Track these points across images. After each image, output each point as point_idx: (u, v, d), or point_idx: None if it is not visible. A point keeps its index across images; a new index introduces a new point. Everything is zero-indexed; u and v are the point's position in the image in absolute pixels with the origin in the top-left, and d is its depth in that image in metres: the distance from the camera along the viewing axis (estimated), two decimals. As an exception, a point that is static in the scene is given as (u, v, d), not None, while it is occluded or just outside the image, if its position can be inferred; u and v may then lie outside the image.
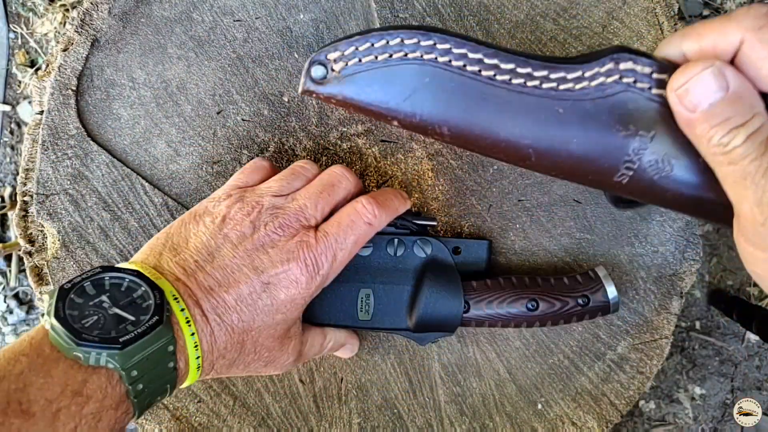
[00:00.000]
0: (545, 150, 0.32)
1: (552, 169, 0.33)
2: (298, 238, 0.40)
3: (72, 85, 0.51)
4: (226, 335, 0.37)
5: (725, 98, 0.29)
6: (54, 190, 0.52)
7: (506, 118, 0.32)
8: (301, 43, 0.52)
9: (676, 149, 0.30)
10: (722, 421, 0.83)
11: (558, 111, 0.31)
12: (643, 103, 0.30)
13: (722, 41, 0.29)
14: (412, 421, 0.52)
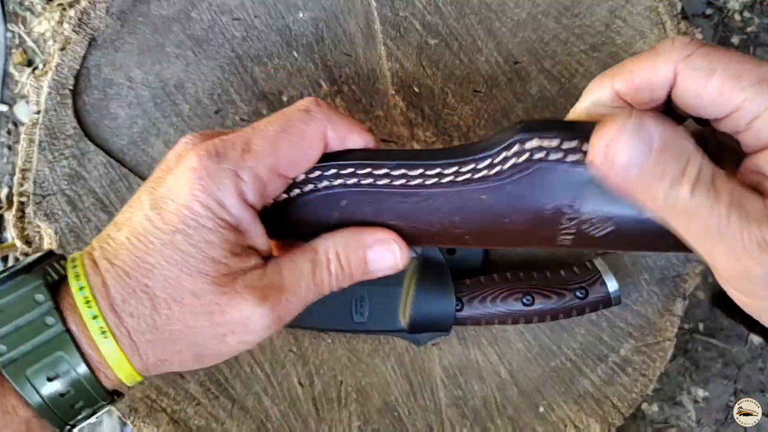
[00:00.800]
0: (481, 233, 0.32)
1: (494, 245, 0.34)
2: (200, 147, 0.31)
3: (69, 84, 0.51)
4: (119, 281, 0.30)
5: (654, 152, 0.26)
6: (51, 191, 0.51)
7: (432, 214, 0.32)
8: (301, 41, 0.52)
9: (608, 208, 0.30)
10: (725, 423, 0.82)
11: (482, 198, 0.31)
12: (562, 173, 0.29)
13: (655, 77, 0.28)
14: (413, 424, 0.52)
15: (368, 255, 0.34)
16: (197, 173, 0.30)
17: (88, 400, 0.30)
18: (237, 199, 0.30)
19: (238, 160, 0.30)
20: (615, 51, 0.51)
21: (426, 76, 0.52)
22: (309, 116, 0.32)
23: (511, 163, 0.30)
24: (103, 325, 0.29)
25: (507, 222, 0.31)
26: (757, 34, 0.84)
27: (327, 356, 0.52)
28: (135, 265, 0.30)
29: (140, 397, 0.51)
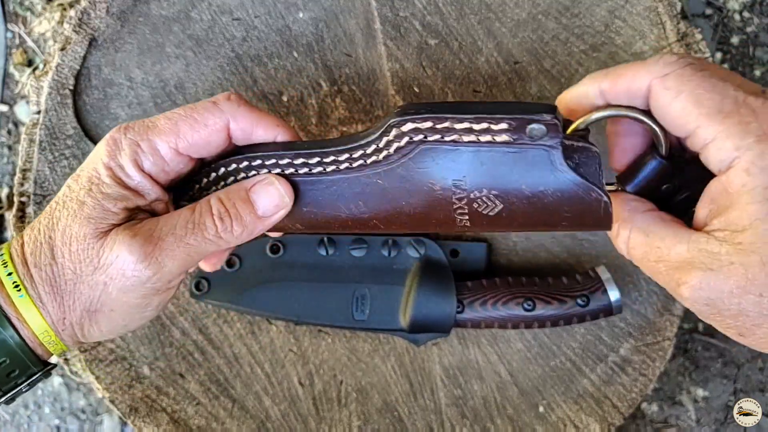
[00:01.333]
0: (386, 218, 0.34)
1: (400, 229, 0.35)
2: None
3: (69, 84, 0.51)
4: (30, 237, 0.34)
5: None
6: (51, 191, 0.52)
7: (338, 200, 0.34)
8: (301, 41, 0.52)
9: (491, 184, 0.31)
10: (725, 423, 0.82)
11: (378, 182, 0.33)
12: (442, 153, 0.31)
13: (634, 85, 0.31)
14: (413, 424, 0.52)
15: (251, 196, 0.35)
16: (106, 141, 0.35)
17: (23, 368, 0.33)
18: (134, 165, 0.34)
19: (140, 133, 0.34)
20: (615, 51, 0.52)
21: (426, 76, 0.52)
22: (214, 107, 0.35)
23: (394, 146, 0.32)
24: (16, 279, 0.33)
25: (405, 205, 0.33)
26: (756, 35, 0.84)
27: (327, 356, 0.52)
28: (46, 223, 0.34)
29: (140, 397, 0.51)
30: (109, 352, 0.52)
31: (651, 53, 0.51)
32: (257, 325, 0.52)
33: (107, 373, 0.51)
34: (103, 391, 0.51)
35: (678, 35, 0.51)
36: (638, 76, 0.31)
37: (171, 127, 0.34)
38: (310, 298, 0.49)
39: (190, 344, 0.52)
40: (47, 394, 0.78)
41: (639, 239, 0.33)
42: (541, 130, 0.30)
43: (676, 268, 0.30)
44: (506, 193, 0.31)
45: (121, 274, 0.33)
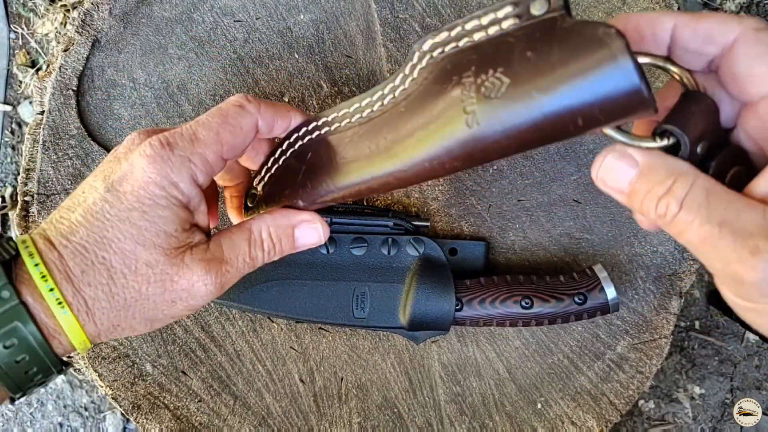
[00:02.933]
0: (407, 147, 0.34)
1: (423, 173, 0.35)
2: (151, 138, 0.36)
3: (73, 85, 0.52)
4: (77, 255, 0.33)
5: (639, 173, 0.29)
6: (55, 190, 0.52)
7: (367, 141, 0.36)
8: (302, 43, 0.52)
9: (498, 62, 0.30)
10: (722, 420, 0.83)
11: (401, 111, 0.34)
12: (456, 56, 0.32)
13: (717, 30, 0.29)
14: (412, 420, 0.53)
15: (296, 233, 0.40)
16: (152, 159, 0.34)
17: (41, 366, 0.33)
18: (190, 181, 0.35)
19: (188, 147, 0.35)
20: (612, 52, 0.52)
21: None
22: (244, 111, 0.37)
23: (417, 69, 0.34)
24: (59, 296, 0.33)
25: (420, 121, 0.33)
26: (753, 35, 0.85)
27: (327, 353, 0.53)
28: (93, 241, 0.34)
29: (143, 394, 0.52)
30: (112, 350, 0.52)
31: (647, 54, 0.52)
32: (259, 323, 0.53)
33: (110, 370, 0.52)
34: (105, 388, 0.52)
35: (674, 37, 0.52)
36: (727, 24, 0.29)
37: (215, 137, 0.36)
38: (311, 297, 0.50)
39: (193, 342, 0.52)
40: (50, 391, 0.79)
41: (699, 199, 0.28)
42: (543, 1, 0.29)
43: (751, 235, 0.27)
44: (511, 64, 0.29)
45: (191, 296, 0.36)
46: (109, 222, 0.34)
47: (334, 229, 0.50)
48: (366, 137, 0.36)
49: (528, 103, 0.29)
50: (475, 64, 0.31)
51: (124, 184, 0.34)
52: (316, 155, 0.38)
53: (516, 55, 0.29)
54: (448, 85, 0.32)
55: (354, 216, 0.50)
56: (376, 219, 0.50)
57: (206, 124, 0.36)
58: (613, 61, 0.26)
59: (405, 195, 0.53)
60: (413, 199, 0.53)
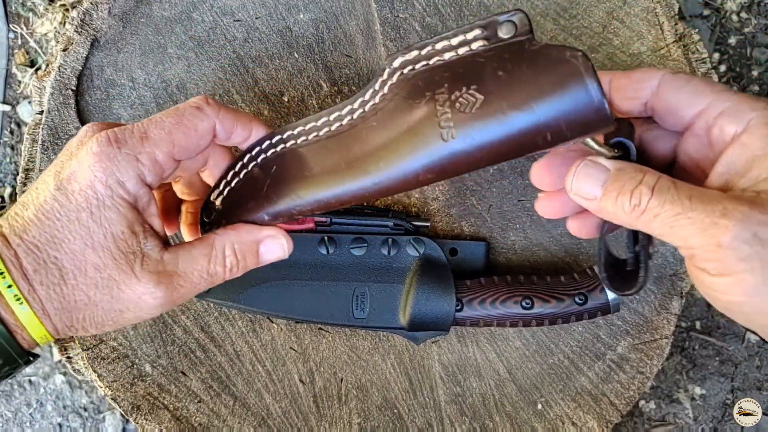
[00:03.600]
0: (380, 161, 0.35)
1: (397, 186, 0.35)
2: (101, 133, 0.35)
3: (72, 85, 0.51)
4: (30, 254, 0.33)
5: (612, 174, 0.33)
6: (54, 190, 0.52)
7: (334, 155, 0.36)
8: (301, 43, 0.52)
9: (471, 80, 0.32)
10: (722, 421, 0.83)
11: (373, 125, 0.35)
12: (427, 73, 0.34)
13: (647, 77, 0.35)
14: (412, 421, 0.53)
15: (260, 249, 0.39)
16: (98, 156, 0.34)
17: (8, 358, 0.34)
18: (136, 180, 0.34)
19: (136, 145, 0.34)
20: (612, 52, 0.52)
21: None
22: (201, 113, 0.37)
23: (388, 85, 0.35)
24: (17, 292, 0.33)
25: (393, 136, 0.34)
26: (754, 35, 0.85)
27: (327, 354, 0.53)
28: (44, 240, 0.34)
29: (143, 395, 0.52)
30: (112, 350, 0.52)
31: (649, 54, 0.52)
32: (258, 323, 0.52)
33: (109, 371, 0.52)
34: (105, 389, 0.52)
35: (676, 36, 0.51)
36: (652, 72, 0.34)
37: (166, 137, 0.35)
38: (311, 297, 0.50)
39: (192, 342, 0.52)
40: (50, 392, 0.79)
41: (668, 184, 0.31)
42: (510, 26, 0.32)
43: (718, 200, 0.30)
44: (483, 82, 0.32)
45: (138, 307, 0.35)
46: (59, 221, 0.34)
47: (333, 229, 0.50)
48: (335, 151, 0.36)
49: (501, 119, 0.31)
50: (447, 81, 0.33)
51: (72, 182, 0.34)
52: (281, 169, 0.38)
53: (488, 73, 0.31)
54: (422, 101, 0.33)
55: (354, 216, 0.50)
56: (376, 219, 0.50)
57: (159, 122, 0.35)
58: (581, 80, 0.29)
59: (405, 195, 0.53)
60: (413, 199, 0.53)
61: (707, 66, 0.52)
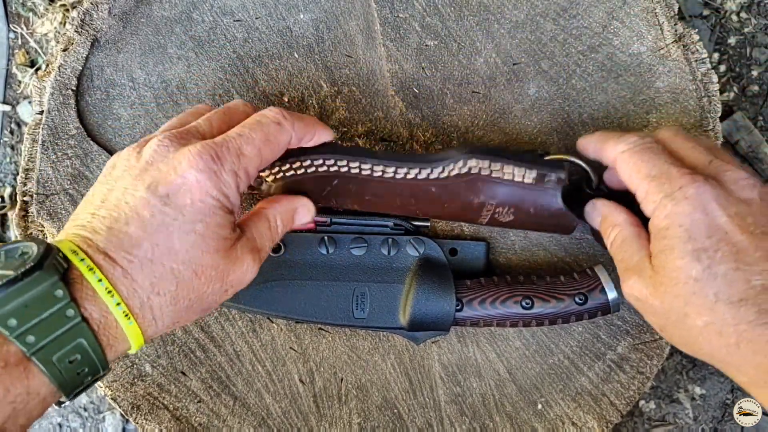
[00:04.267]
0: (426, 210, 0.47)
1: (434, 216, 0.49)
2: (191, 144, 0.38)
3: (72, 85, 0.52)
4: (144, 268, 0.35)
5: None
6: (54, 190, 0.52)
7: (397, 196, 0.47)
8: (301, 43, 0.52)
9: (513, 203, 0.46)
10: (722, 421, 0.83)
11: (432, 190, 0.46)
12: (488, 183, 0.45)
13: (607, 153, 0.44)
14: (412, 421, 0.53)
15: (295, 216, 0.45)
16: (206, 174, 0.37)
17: (93, 370, 0.35)
18: (236, 191, 0.39)
19: (235, 162, 0.38)
20: (612, 52, 0.52)
21: (425, 77, 0.52)
22: (282, 129, 0.41)
23: (456, 172, 0.45)
24: (126, 309, 0.34)
25: (446, 206, 0.47)
26: (754, 35, 0.85)
27: (327, 354, 0.53)
28: (160, 253, 0.36)
29: (142, 395, 0.52)
30: (112, 350, 0.52)
31: (649, 54, 0.52)
32: (258, 323, 0.52)
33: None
34: (105, 388, 0.52)
35: (675, 36, 0.52)
36: (610, 148, 0.43)
37: (257, 154, 0.39)
38: (311, 297, 0.50)
39: (192, 342, 0.52)
40: (49, 392, 0.79)
41: (619, 242, 0.43)
42: (552, 182, 0.45)
43: (626, 269, 0.42)
44: (520, 210, 0.46)
45: (240, 283, 0.40)
46: (174, 234, 0.36)
47: (334, 228, 0.50)
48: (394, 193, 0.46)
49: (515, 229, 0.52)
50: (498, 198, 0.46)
51: (180, 196, 0.36)
52: (343, 185, 0.46)
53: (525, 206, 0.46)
54: (476, 200, 0.46)
55: (354, 216, 0.50)
56: (376, 219, 0.50)
57: (249, 139, 0.39)
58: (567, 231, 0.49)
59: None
60: (413, 199, 0.53)
61: (707, 66, 0.52)
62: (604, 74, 0.52)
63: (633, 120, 0.52)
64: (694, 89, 0.52)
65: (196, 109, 0.45)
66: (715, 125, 0.52)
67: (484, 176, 0.45)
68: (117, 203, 0.36)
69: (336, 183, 0.46)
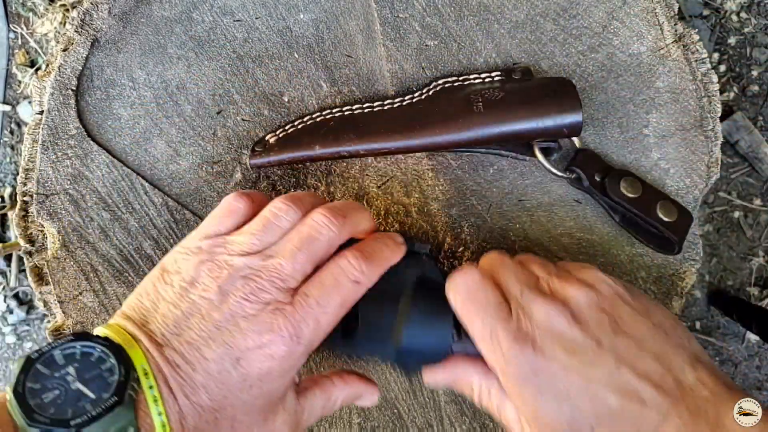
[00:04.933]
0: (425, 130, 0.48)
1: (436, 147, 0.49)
2: (273, 306, 0.36)
3: (72, 85, 0.52)
4: (195, 415, 0.34)
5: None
6: (54, 190, 0.52)
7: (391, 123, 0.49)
8: (301, 43, 0.52)
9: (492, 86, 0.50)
10: (722, 421, 0.83)
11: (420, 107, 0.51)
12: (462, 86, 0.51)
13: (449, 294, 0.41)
14: (412, 420, 0.53)
15: (357, 400, 0.44)
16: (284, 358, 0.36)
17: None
18: (303, 362, 0.38)
19: (312, 339, 0.37)
20: (612, 52, 0.52)
21: (425, 77, 0.52)
22: (359, 287, 0.39)
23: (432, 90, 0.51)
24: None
25: (438, 115, 0.48)
26: (754, 35, 0.85)
27: (327, 353, 0.53)
28: (214, 405, 0.35)
29: (143, 395, 0.52)
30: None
31: (648, 54, 0.52)
32: (258, 324, 0.52)
33: (110, 370, 0.52)
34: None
35: (675, 36, 0.52)
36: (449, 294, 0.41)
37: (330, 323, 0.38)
38: None
39: (192, 342, 0.52)
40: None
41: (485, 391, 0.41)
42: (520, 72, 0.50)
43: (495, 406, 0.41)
44: (503, 86, 0.48)
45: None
46: (231, 393, 0.35)
47: None
48: (387, 118, 0.49)
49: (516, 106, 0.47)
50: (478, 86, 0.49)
51: (255, 366, 0.35)
52: (339, 122, 0.49)
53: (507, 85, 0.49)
54: (459, 94, 0.49)
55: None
56: None
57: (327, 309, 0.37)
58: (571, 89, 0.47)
59: (405, 195, 0.53)
60: (413, 198, 0.53)
61: (707, 66, 0.52)
62: (603, 74, 0.52)
63: (633, 120, 0.52)
64: (694, 89, 0.52)
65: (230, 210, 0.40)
66: (715, 125, 0.52)
67: (457, 85, 0.50)
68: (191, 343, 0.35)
69: (332, 123, 0.50)
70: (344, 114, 0.50)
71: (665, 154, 0.52)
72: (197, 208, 0.52)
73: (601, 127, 0.52)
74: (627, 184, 0.49)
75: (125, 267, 0.52)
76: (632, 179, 0.49)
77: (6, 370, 0.97)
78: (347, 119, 0.50)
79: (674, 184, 0.52)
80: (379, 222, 0.52)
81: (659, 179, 0.52)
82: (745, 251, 0.92)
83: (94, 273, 0.52)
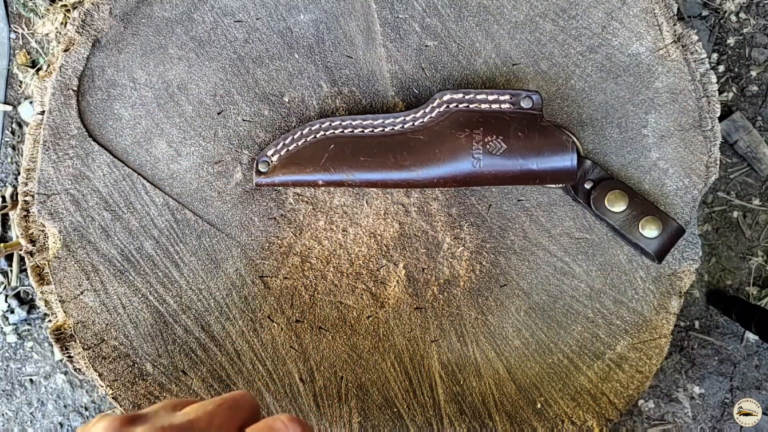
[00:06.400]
0: (421, 163, 0.49)
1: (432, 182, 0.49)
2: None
3: (73, 85, 0.52)
4: None
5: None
6: (55, 190, 0.52)
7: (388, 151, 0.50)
8: (302, 43, 0.52)
9: (498, 131, 0.48)
10: (721, 420, 0.83)
11: (420, 138, 0.49)
12: (467, 114, 0.49)
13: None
14: (412, 420, 0.53)
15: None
16: None
17: None
18: None
19: None
20: (611, 52, 0.52)
21: (425, 77, 0.53)
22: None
23: (435, 111, 0.49)
24: None
25: (437, 152, 0.49)
26: (752, 35, 0.85)
27: (328, 353, 0.53)
28: None
29: (143, 394, 0.52)
30: (113, 350, 0.52)
31: (647, 54, 0.52)
32: (259, 323, 0.53)
33: (110, 370, 0.52)
34: (106, 388, 0.52)
35: (674, 36, 0.52)
36: None
37: None
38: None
39: (193, 341, 0.52)
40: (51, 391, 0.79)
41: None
42: (529, 101, 0.49)
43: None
44: (508, 137, 0.48)
45: None
46: None
47: None
48: (386, 149, 0.50)
49: (514, 163, 0.48)
50: (482, 126, 0.49)
51: None
52: (339, 148, 0.50)
53: (511, 131, 0.48)
54: (462, 134, 0.49)
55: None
56: None
57: None
58: (568, 155, 0.48)
59: (405, 195, 0.53)
60: (413, 198, 0.53)
61: (706, 66, 0.52)
62: (603, 75, 0.52)
63: (632, 120, 0.52)
64: (693, 89, 0.52)
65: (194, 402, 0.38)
66: (713, 125, 0.52)
67: (462, 109, 0.49)
68: None
69: (332, 148, 0.50)
70: (345, 134, 0.50)
71: (664, 154, 0.52)
72: (198, 207, 0.52)
73: (600, 127, 0.53)
74: (613, 197, 0.50)
75: (126, 266, 0.52)
76: (620, 192, 0.50)
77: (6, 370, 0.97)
78: (347, 143, 0.50)
79: (673, 184, 0.52)
80: (380, 222, 0.53)
81: (658, 179, 0.52)
82: (743, 251, 0.92)
83: (95, 272, 0.52)
